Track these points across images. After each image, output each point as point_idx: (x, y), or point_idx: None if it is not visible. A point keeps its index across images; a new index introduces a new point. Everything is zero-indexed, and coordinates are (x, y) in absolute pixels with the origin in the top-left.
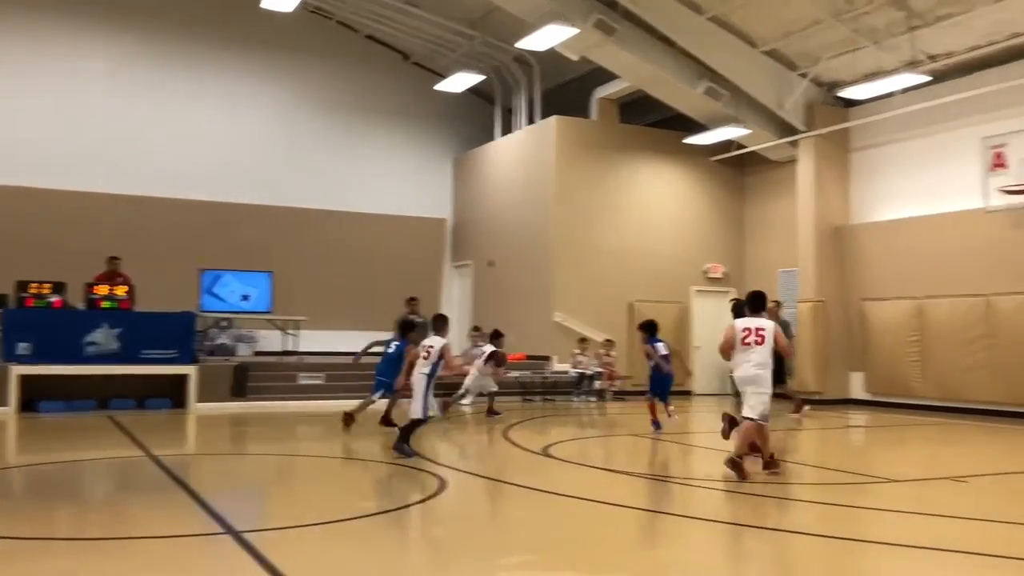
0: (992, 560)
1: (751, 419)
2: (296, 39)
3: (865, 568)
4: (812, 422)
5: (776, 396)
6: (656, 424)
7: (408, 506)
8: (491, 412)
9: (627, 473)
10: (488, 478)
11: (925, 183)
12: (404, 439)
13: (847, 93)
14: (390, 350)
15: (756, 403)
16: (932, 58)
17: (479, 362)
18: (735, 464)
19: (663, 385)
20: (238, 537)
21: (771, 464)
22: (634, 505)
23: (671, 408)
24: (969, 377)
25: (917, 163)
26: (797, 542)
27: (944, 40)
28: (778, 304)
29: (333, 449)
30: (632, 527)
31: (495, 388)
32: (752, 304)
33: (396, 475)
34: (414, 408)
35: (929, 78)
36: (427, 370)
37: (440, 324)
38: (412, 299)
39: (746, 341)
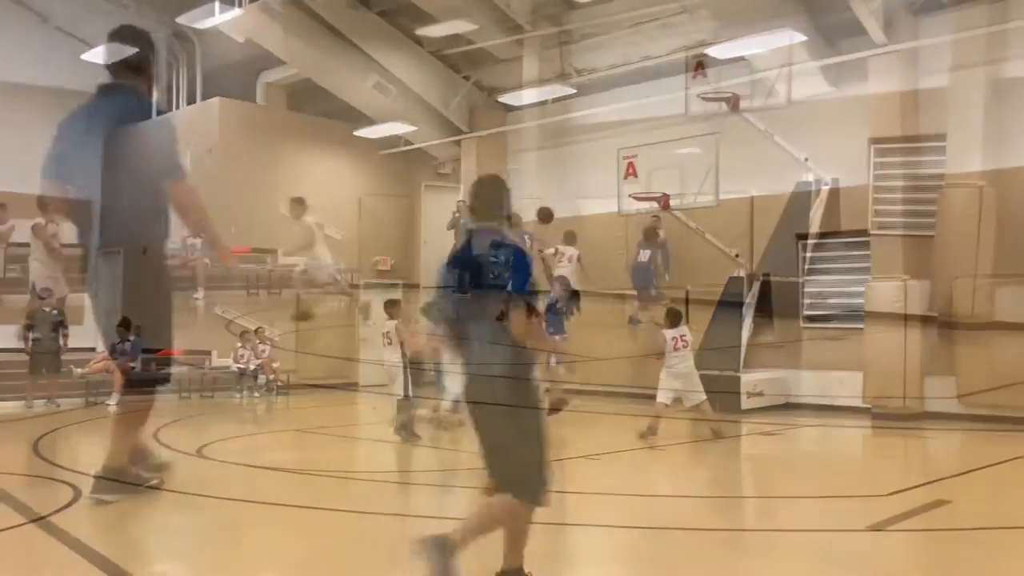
0: (624, 530)
1: (704, 398)
2: None
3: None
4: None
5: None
6: None
7: (30, 522)
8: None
9: (285, 470)
10: (131, 484)
11: (573, 187)
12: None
13: (506, 99)
14: None
15: (698, 388)
16: (579, 72)
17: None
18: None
19: None
20: None
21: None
22: (287, 502)
23: None
24: (609, 366)
25: (566, 168)
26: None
27: (589, 57)
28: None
29: None
30: (284, 524)
31: None
32: (673, 319)
33: (23, 487)
34: (397, 389)
35: (576, 91)
36: (396, 358)
37: (391, 307)
38: (45, 289)
39: (677, 347)
